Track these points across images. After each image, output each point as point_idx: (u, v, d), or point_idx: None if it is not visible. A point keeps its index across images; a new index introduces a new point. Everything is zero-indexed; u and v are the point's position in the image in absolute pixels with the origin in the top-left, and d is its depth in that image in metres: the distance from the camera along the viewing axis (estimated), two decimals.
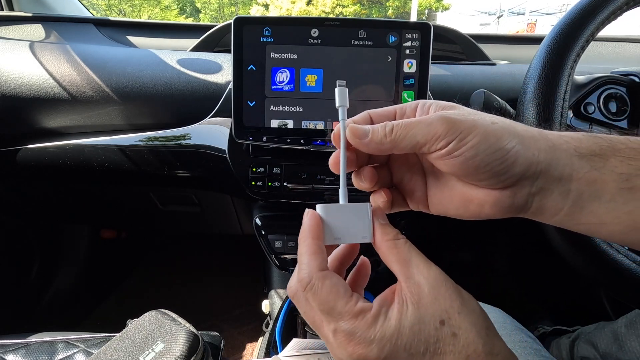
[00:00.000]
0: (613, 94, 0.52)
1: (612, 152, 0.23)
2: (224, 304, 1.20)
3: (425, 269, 0.23)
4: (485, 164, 0.23)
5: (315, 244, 0.24)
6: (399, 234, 0.25)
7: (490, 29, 19.85)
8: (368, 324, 0.22)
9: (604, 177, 0.23)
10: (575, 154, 0.23)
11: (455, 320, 0.22)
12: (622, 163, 0.23)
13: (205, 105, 0.64)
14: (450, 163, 0.24)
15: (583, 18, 0.44)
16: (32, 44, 0.71)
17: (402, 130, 0.24)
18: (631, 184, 0.22)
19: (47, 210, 0.99)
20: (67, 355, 0.53)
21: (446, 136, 0.23)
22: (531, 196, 0.24)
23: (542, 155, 0.23)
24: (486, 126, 0.23)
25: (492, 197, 0.24)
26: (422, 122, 0.24)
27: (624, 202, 0.22)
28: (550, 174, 0.23)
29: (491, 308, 0.53)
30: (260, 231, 0.67)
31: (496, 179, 0.23)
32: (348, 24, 0.56)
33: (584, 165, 0.23)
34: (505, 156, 0.23)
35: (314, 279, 0.23)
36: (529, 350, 0.45)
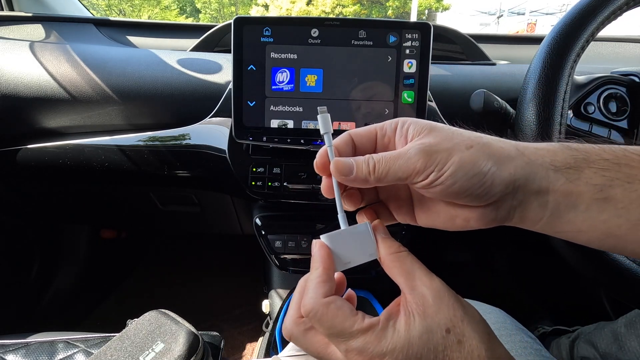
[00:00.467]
0: (613, 94, 0.52)
1: (587, 163, 0.24)
2: (224, 304, 1.20)
3: (428, 280, 0.24)
4: (465, 189, 0.24)
5: (326, 273, 0.26)
6: (401, 246, 0.26)
7: (490, 29, 19.86)
8: (378, 337, 0.23)
9: (579, 189, 0.24)
10: (550, 167, 0.24)
11: (460, 328, 0.23)
12: (595, 174, 0.24)
13: (205, 105, 0.64)
14: (432, 191, 0.25)
15: (583, 18, 0.44)
16: (32, 44, 0.71)
17: (383, 167, 0.25)
18: (605, 194, 0.23)
19: (47, 210, 0.99)
20: (67, 355, 0.53)
21: (425, 169, 0.24)
22: (513, 209, 0.25)
23: (518, 172, 0.24)
24: (461, 153, 0.24)
25: (476, 213, 0.26)
26: (401, 158, 0.25)
27: (598, 212, 0.24)
28: (528, 188, 0.24)
29: (491, 308, 0.53)
30: (260, 231, 0.67)
31: (478, 200, 0.25)
32: (348, 24, 0.56)
33: (560, 177, 0.24)
34: (483, 179, 0.24)
35: (317, 305, 0.24)
36: (529, 350, 0.45)
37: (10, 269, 1.00)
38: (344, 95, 0.58)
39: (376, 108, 0.58)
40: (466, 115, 0.59)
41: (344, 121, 0.58)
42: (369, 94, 0.58)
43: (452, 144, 0.25)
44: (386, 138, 0.28)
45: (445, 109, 0.64)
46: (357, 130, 0.29)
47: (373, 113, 0.58)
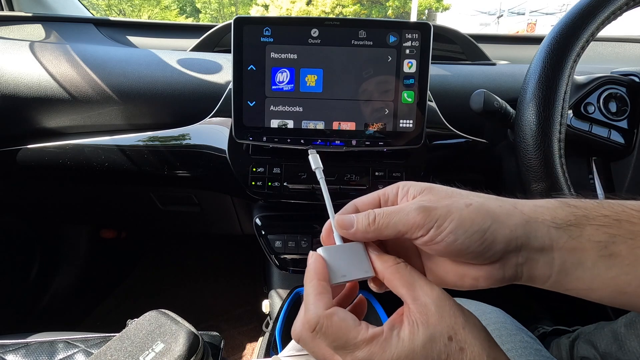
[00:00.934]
0: (613, 94, 0.52)
1: (587, 220, 0.24)
2: (224, 304, 1.20)
3: (429, 289, 0.24)
4: (467, 247, 0.25)
5: (320, 285, 0.26)
6: (396, 258, 0.27)
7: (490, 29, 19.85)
8: (383, 347, 0.23)
9: (583, 245, 0.24)
10: (552, 225, 0.24)
11: (462, 335, 0.23)
12: (597, 231, 0.24)
13: (205, 105, 0.64)
14: (435, 249, 0.25)
15: (583, 18, 0.44)
16: (32, 44, 0.71)
17: (383, 220, 0.26)
18: (609, 251, 0.23)
19: (47, 210, 0.99)
20: (67, 355, 0.53)
21: (424, 224, 0.25)
22: (519, 266, 0.25)
23: (519, 230, 0.24)
24: (460, 210, 0.25)
25: (483, 271, 0.26)
26: (401, 212, 0.26)
27: (606, 268, 0.23)
28: (531, 246, 0.24)
29: (491, 308, 0.53)
30: (260, 231, 0.67)
31: (481, 257, 0.25)
32: (348, 24, 0.56)
33: (562, 235, 0.24)
34: (483, 237, 0.24)
35: (321, 318, 0.24)
36: (529, 350, 0.45)
37: (10, 269, 1.00)
38: (344, 95, 0.58)
39: (376, 108, 0.58)
40: (466, 115, 0.59)
41: (344, 121, 0.58)
42: (369, 94, 0.58)
43: (451, 202, 0.26)
44: (389, 202, 0.29)
45: (445, 109, 0.64)
46: (361, 198, 0.30)
47: (373, 113, 0.58)
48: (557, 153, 0.45)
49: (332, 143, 0.59)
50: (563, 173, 0.45)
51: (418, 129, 0.58)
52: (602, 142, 0.52)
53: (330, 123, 0.58)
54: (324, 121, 0.58)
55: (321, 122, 0.58)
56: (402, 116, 0.58)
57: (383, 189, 0.30)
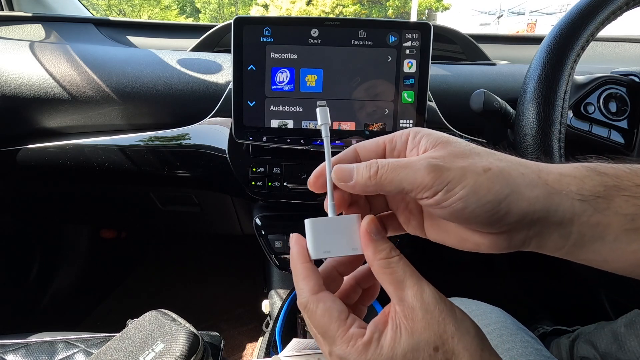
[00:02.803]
0: (613, 94, 0.52)
1: (618, 191, 0.22)
2: (224, 304, 1.20)
3: (419, 291, 0.22)
4: (475, 216, 0.22)
5: (305, 267, 0.25)
6: (392, 249, 0.24)
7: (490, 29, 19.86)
8: (359, 351, 0.22)
9: (608, 220, 0.21)
10: (577, 197, 0.22)
11: (449, 345, 0.21)
12: (627, 203, 0.21)
13: (205, 105, 0.64)
14: (439, 213, 0.23)
15: (583, 18, 0.44)
16: (32, 44, 0.71)
17: (387, 174, 0.23)
18: (636, 224, 0.21)
19: (47, 210, 0.99)
20: (67, 355, 0.53)
21: (433, 186, 0.22)
22: (529, 239, 0.23)
23: (538, 204, 0.22)
24: (477, 176, 0.22)
25: (487, 239, 0.23)
26: (409, 168, 0.23)
27: (627, 242, 0.21)
28: (549, 220, 0.22)
29: (492, 308, 0.53)
30: (260, 231, 0.67)
31: (488, 228, 0.23)
32: (348, 24, 0.56)
33: (587, 208, 0.22)
34: (497, 208, 0.22)
35: (309, 302, 0.23)
36: (530, 350, 0.45)
37: (10, 269, 1.00)
38: (344, 95, 0.58)
39: (376, 108, 0.58)
40: (466, 115, 0.59)
41: (344, 121, 0.58)
42: (369, 94, 0.58)
43: (468, 163, 0.22)
44: (396, 151, 0.26)
45: (445, 109, 0.64)
46: (364, 143, 0.27)
47: (373, 113, 0.58)
48: (557, 153, 0.45)
49: (332, 143, 0.59)
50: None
51: None
52: (602, 142, 0.52)
53: (330, 123, 0.58)
54: None
55: None
56: (402, 116, 0.58)
57: (391, 135, 0.26)
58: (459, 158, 0.23)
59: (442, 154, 0.23)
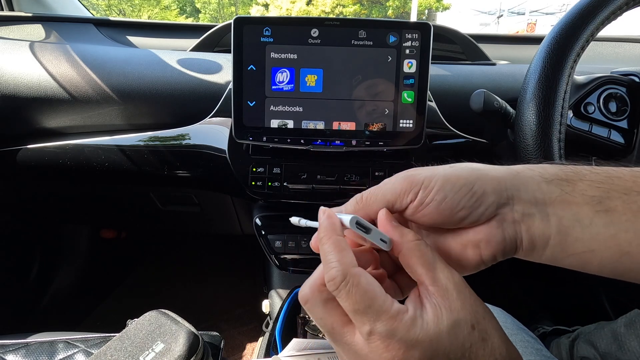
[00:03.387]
0: (613, 94, 0.52)
1: (578, 177, 0.24)
2: (224, 304, 1.20)
3: (449, 273, 0.23)
4: (457, 202, 0.24)
5: (340, 240, 0.24)
6: (417, 234, 0.25)
7: (490, 29, 19.86)
8: (407, 326, 0.21)
9: (577, 200, 0.23)
10: (541, 180, 0.24)
11: (483, 325, 0.22)
12: (590, 187, 0.23)
13: (205, 105, 0.64)
14: (426, 213, 0.25)
15: (583, 18, 0.44)
16: (32, 44, 0.71)
17: (371, 195, 0.26)
18: (605, 206, 0.23)
19: (47, 210, 0.99)
20: (67, 355, 0.53)
21: (412, 188, 0.25)
22: (517, 224, 0.24)
23: (507, 182, 0.24)
24: (444, 170, 0.25)
25: (482, 233, 0.25)
26: (388, 184, 0.26)
27: (604, 226, 0.22)
28: (523, 199, 0.24)
29: (493, 307, 0.53)
30: (260, 231, 0.67)
31: (474, 214, 0.24)
32: (348, 24, 0.56)
33: (554, 189, 0.24)
34: (472, 189, 0.24)
35: (349, 276, 0.22)
36: (530, 349, 0.45)
37: (10, 269, 1.00)
38: (344, 95, 0.58)
39: (376, 108, 0.58)
40: (466, 115, 0.59)
41: (344, 121, 0.58)
42: (369, 94, 0.58)
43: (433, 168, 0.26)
44: None
45: (445, 109, 0.64)
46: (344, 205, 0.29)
47: (373, 113, 0.58)
48: (557, 153, 0.45)
49: (332, 143, 0.59)
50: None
51: (418, 129, 0.58)
52: (602, 142, 0.52)
53: (330, 123, 0.58)
54: (324, 121, 0.58)
55: (321, 122, 0.58)
56: (402, 116, 0.58)
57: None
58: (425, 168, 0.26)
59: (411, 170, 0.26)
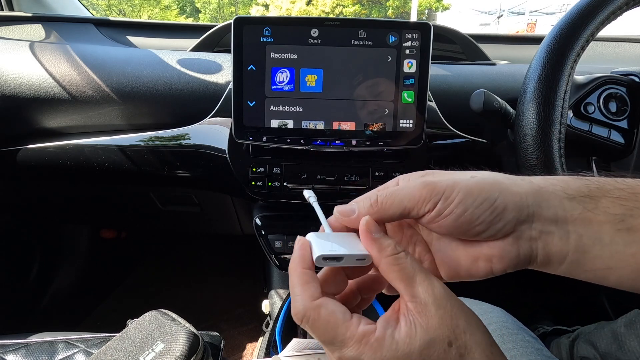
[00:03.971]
0: (613, 93, 0.52)
1: (602, 193, 0.23)
2: (224, 304, 1.20)
3: (430, 286, 0.22)
4: (477, 217, 0.23)
5: (306, 273, 0.24)
6: (397, 245, 0.24)
7: (490, 29, 19.85)
8: (374, 348, 0.21)
9: (599, 218, 0.22)
10: (564, 195, 0.23)
11: (462, 341, 0.21)
12: (613, 204, 0.22)
13: (205, 105, 0.64)
14: (443, 224, 0.24)
15: (583, 18, 0.44)
16: (32, 44, 0.71)
17: (387, 198, 0.24)
18: (628, 224, 0.22)
19: (47, 210, 0.99)
20: (67, 355, 0.53)
21: (432, 198, 0.23)
22: (534, 241, 0.24)
23: (529, 198, 0.23)
24: (466, 181, 0.24)
25: (496, 249, 0.24)
26: (406, 188, 0.24)
27: (625, 244, 0.22)
28: (544, 216, 0.23)
29: (493, 308, 0.53)
30: (260, 231, 0.67)
31: (492, 229, 0.23)
32: (348, 24, 0.56)
33: (576, 206, 0.23)
34: (493, 205, 0.23)
35: (308, 311, 0.22)
36: (531, 349, 0.45)
37: (10, 269, 1.00)
38: (344, 95, 0.58)
39: (376, 108, 0.58)
40: (466, 115, 0.59)
41: (344, 121, 0.58)
42: (369, 94, 0.58)
43: (455, 175, 0.24)
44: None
45: (445, 109, 0.64)
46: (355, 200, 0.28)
47: (373, 113, 0.58)
48: (557, 153, 0.45)
49: (332, 143, 0.59)
50: (563, 173, 0.45)
51: (418, 129, 0.58)
52: (602, 142, 0.52)
53: (330, 123, 0.58)
54: (324, 121, 0.58)
55: (321, 122, 0.58)
56: (402, 116, 0.58)
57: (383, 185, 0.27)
58: (445, 175, 0.25)
59: (429, 177, 0.25)
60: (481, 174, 0.24)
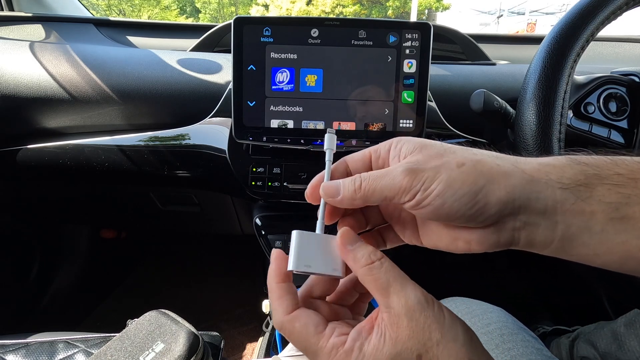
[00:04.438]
0: (613, 93, 0.52)
1: (599, 179, 0.22)
2: (224, 304, 1.20)
3: (404, 297, 0.22)
4: (456, 211, 0.22)
5: (280, 287, 0.25)
6: (372, 254, 0.24)
7: (490, 29, 19.85)
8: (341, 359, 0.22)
9: (592, 208, 0.21)
10: (558, 186, 0.22)
11: (433, 353, 0.21)
12: (609, 191, 0.21)
13: (205, 105, 0.64)
14: (422, 212, 0.23)
15: (583, 18, 0.44)
16: (32, 44, 0.71)
17: (369, 185, 0.24)
18: (621, 213, 0.21)
19: (47, 210, 0.99)
20: (67, 355, 0.53)
21: (411, 188, 0.23)
22: (516, 231, 0.23)
23: (517, 191, 0.22)
24: (450, 171, 0.23)
25: (475, 235, 0.24)
26: (387, 176, 0.24)
27: (615, 232, 0.21)
28: (532, 208, 0.22)
29: (493, 307, 0.53)
30: (260, 231, 0.67)
31: (472, 221, 0.23)
32: (348, 24, 0.56)
33: (569, 197, 0.22)
34: (474, 200, 0.22)
35: (284, 323, 0.24)
36: (531, 349, 0.45)
37: (10, 269, 1.00)
38: (344, 95, 0.58)
39: (376, 108, 0.58)
40: (466, 115, 0.59)
41: (344, 121, 0.58)
42: (369, 94, 0.58)
43: (442, 162, 0.23)
44: (380, 160, 0.27)
45: (445, 109, 0.64)
46: (352, 155, 0.28)
47: (373, 113, 0.58)
48: (557, 153, 0.45)
49: None
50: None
51: (418, 129, 0.58)
52: (602, 142, 0.52)
53: (330, 123, 0.58)
54: (324, 121, 0.58)
55: (321, 122, 0.58)
56: (402, 116, 0.58)
57: (376, 145, 0.27)
58: (434, 158, 0.24)
59: (419, 157, 0.24)
60: (470, 162, 0.23)
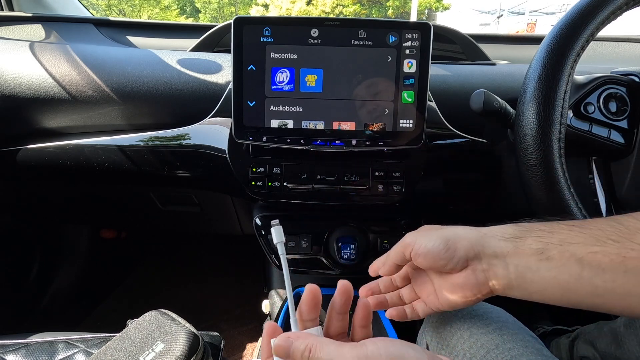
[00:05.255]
0: (613, 93, 0.52)
1: (529, 233, 0.32)
2: (224, 304, 1.20)
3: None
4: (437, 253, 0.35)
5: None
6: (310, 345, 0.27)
7: (490, 29, 19.85)
8: None
9: (526, 252, 0.32)
10: (501, 238, 0.34)
11: None
12: (535, 241, 0.32)
13: (205, 105, 0.64)
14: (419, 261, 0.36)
15: (583, 18, 0.44)
16: (32, 44, 0.71)
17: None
18: (546, 255, 0.31)
19: (47, 210, 0.99)
20: (67, 355, 0.53)
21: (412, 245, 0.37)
22: (485, 272, 0.33)
23: (475, 242, 0.34)
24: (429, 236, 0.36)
25: (462, 278, 0.34)
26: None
27: (547, 270, 0.30)
28: (487, 253, 0.33)
29: (493, 307, 0.53)
30: (260, 231, 0.67)
31: (451, 263, 0.34)
32: (348, 24, 0.56)
33: (509, 245, 0.33)
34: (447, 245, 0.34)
35: None
36: (531, 349, 0.45)
37: (10, 269, 1.00)
38: (344, 95, 0.58)
39: (376, 108, 0.58)
40: (466, 115, 0.59)
41: (344, 121, 0.58)
42: (369, 94, 0.58)
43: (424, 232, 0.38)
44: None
45: (445, 109, 0.64)
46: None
47: (373, 113, 0.58)
48: (557, 153, 0.45)
49: (332, 143, 0.59)
50: (563, 173, 0.45)
51: (418, 129, 0.58)
52: (602, 142, 0.52)
53: (330, 123, 0.58)
54: (324, 121, 0.58)
55: (321, 122, 0.58)
56: (402, 116, 0.58)
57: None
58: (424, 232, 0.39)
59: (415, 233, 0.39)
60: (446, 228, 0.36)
